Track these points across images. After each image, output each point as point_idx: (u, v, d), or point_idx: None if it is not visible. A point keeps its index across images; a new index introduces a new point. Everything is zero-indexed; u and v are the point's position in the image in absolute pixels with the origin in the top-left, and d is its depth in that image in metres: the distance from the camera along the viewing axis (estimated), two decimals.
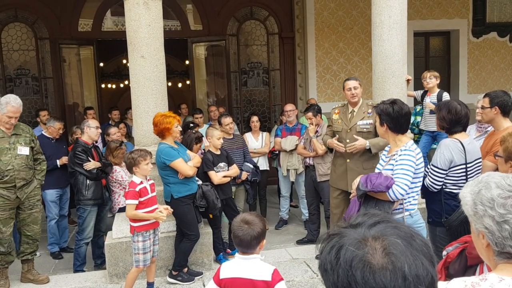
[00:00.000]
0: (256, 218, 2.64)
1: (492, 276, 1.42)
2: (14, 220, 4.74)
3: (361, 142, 4.62)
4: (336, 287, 1.00)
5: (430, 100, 5.98)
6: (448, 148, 3.41)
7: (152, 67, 4.92)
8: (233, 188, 5.90)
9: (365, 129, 4.76)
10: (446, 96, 5.89)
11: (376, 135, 4.66)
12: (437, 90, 6.01)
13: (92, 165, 5.30)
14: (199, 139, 5.18)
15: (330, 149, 5.16)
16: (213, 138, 5.22)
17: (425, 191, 3.59)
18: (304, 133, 6.15)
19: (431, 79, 5.98)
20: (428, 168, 3.61)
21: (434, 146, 6.74)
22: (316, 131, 5.80)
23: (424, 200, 5.17)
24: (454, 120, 3.47)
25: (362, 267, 0.96)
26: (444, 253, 2.49)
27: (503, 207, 1.40)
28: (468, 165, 3.41)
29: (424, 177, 3.52)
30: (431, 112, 5.83)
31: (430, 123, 6.01)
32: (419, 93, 6.29)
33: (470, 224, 1.53)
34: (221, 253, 5.25)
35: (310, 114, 5.90)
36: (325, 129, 5.81)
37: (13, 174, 4.52)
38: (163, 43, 5.07)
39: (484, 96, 3.80)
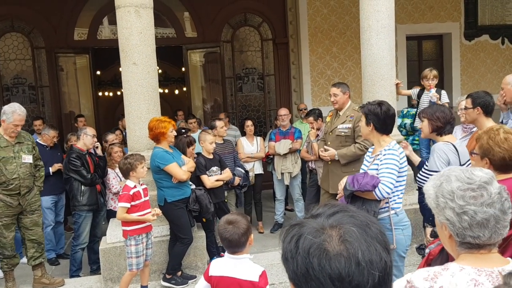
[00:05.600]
0: (238, 216, 2.71)
1: (453, 265, 1.49)
2: (16, 225, 4.82)
3: (330, 153, 4.87)
4: (295, 274, 1.04)
5: (429, 99, 5.97)
6: (443, 151, 3.48)
7: (144, 74, 5.00)
8: (225, 193, 5.98)
9: (343, 133, 4.86)
10: (444, 95, 5.88)
11: (354, 139, 4.77)
12: (435, 88, 6.01)
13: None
14: (190, 143, 5.25)
15: None
16: (206, 143, 5.30)
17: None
18: (307, 137, 6.23)
19: (433, 81, 5.96)
20: (422, 175, 3.67)
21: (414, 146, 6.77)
22: (317, 135, 5.88)
23: (414, 201, 5.25)
24: (447, 120, 3.57)
25: (319, 255, 1.00)
26: (427, 250, 2.55)
27: (462, 199, 1.47)
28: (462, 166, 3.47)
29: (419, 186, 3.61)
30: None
31: None
32: (415, 91, 6.27)
33: None
34: (215, 256, 5.30)
35: (311, 118, 6.01)
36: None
37: (18, 183, 4.62)
38: (154, 50, 5.15)
39: (467, 97, 3.88)
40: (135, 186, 4.28)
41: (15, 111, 4.61)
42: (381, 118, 3.36)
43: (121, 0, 4.97)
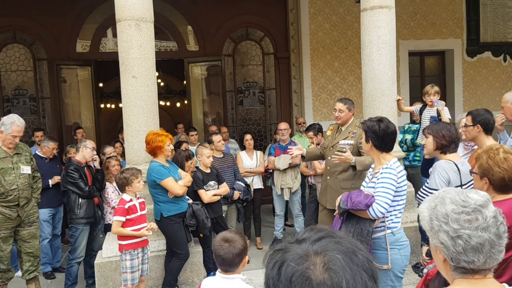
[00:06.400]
0: (236, 235, 2.64)
1: None
2: (13, 238, 4.79)
3: (348, 156, 4.49)
4: None
5: (430, 115, 5.94)
6: (444, 169, 3.43)
7: (144, 87, 4.99)
8: (225, 207, 5.93)
9: (344, 149, 4.78)
10: (446, 111, 5.83)
11: (355, 155, 4.70)
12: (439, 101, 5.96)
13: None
14: (189, 156, 5.21)
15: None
16: (203, 157, 5.27)
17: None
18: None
19: (435, 97, 5.92)
20: (423, 192, 3.61)
21: (415, 162, 6.72)
22: None
23: (415, 219, 5.19)
24: (452, 139, 3.53)
25: (301, 283, 0.97)
26: (425, 270, 2.49)
27: (456, 222, 1.42)
28: (463, 187, 3.41)
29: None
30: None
31: None
32: (417, 107, 6.26)
33: None
34: (212, 272, 5.23)
35: (311, 133, 5.98)
36: None
37: (17, 194, 4.62)
38: (154, 64, 5.14)
39: (467, 115, 3.84)
40: (131, 200, 4.24)
41: (14, 122, 4.61)
42: (380, 136, 3.31)
43: (121, 13, 4.98)
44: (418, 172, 6.43)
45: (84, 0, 8.44)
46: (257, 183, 6.74)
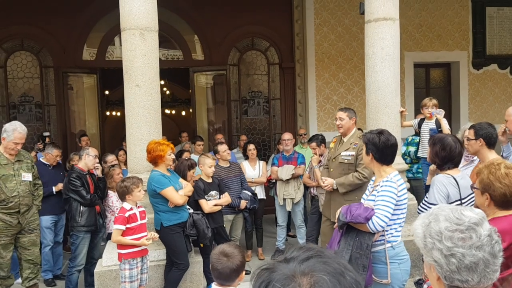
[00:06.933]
0: (235, 250, 2.62)
1: None
2: (13, 245, 4.80)
3: (328, 182, 4.78)
4: None
5: (429, 127, 5.94)
6: (443, 184, 3.39)
7: (147, 96, 5.00)
8: (231, 216, 5.92)
9: (346, 160, 4.79)
10: (445, 122, 5.81)
11: (356, 167, 4.70)
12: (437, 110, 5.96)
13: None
14: (191, 166, 5.20)
15: None
16: (205, 166, 5.26)
17: None
18: (310, 163, 6.17)
19: (433, 109, 5.91)
20: (422, 207, 3.58)
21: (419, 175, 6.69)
22: (320, 161, 5.81)
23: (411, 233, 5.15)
24: (447, 158, 3.48)
25: None
26: (425, 286, 2.46)
27: (450, 240, 1.40)
28: (462, 201, 3.38)
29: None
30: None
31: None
32: (415, 121, 6.27)
33: None
34: (212, 284, 5.19)
35: (314, 144, 5.96)
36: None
37: (17, 200, 4.63)
38: (158, 73, 5.16)
39: (470, 128, 3.81)
40: (131, 209, 4.24)
41: (16, 129, 4.65)
42: (380, 148, 3.29)
43: (126, 23, 5.01)
44: (421, 184, 6.40)
45: (91, 9, 8.51)
46: (259, 193, 6.71)
